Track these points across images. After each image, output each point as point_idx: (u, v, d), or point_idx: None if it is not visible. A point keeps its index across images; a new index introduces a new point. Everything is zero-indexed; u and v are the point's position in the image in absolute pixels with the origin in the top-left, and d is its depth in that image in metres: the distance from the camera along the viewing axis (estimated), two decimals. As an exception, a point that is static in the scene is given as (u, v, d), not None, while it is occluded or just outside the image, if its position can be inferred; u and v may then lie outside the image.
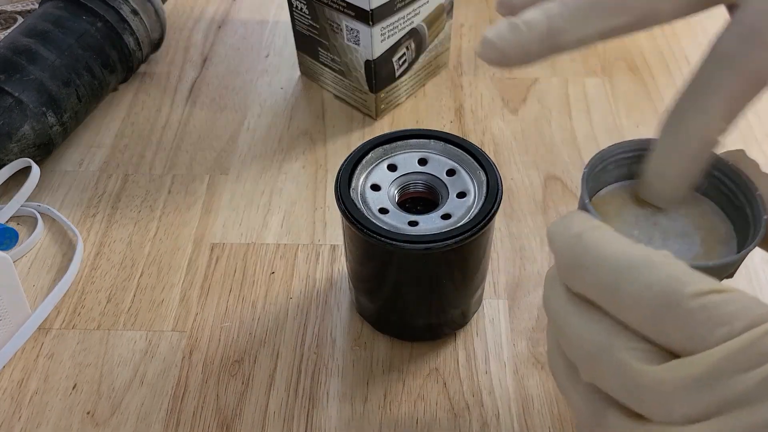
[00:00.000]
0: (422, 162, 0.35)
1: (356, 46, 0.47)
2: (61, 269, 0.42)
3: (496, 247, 0.43)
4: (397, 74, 0.50)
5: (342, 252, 0.43)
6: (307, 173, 0.48)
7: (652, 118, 0.51)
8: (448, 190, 0.34)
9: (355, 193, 0.34)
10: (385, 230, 0.31)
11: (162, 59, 0.58)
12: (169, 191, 0.47)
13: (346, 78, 0.51)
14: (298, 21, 0.51)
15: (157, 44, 0.56)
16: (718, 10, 0.26)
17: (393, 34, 0.47)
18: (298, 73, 0.56)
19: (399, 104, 0.53)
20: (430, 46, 0.52)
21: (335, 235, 0.44)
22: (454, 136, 0.35)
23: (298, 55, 0.55)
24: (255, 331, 0.39)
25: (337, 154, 0.49)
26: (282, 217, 0.45)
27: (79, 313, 0.40)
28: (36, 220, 0.45)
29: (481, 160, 0.34)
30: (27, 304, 0.39)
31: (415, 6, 0.47)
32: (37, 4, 0.60)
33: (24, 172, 0.46)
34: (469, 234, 0.31)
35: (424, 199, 0.35)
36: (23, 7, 0.61)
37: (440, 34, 0.52)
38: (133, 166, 0.49)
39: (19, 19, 0.60)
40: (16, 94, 0.45)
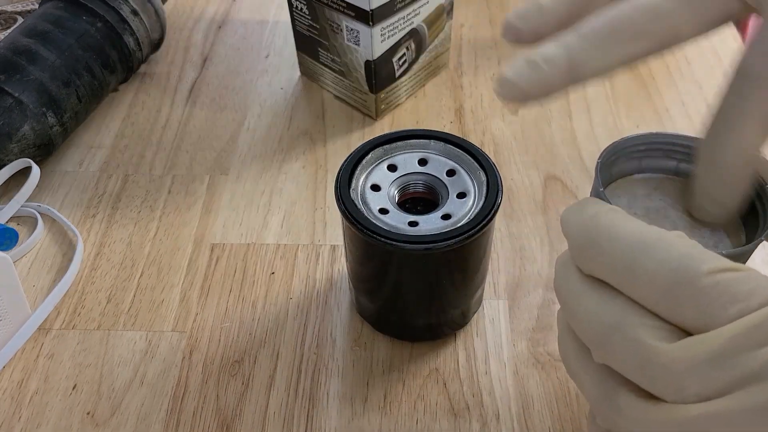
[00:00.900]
0: (422, 162, 0.35)
1: (356, 47, 0.47)
2: (61, 269, 0.42)
3: (496, 247, 0.43)
4: (397, 74, 0.50)
5: (342, 252, 0.43)
6: (307, 173, 0.48)
7: (652, 118, 0.51)
8: (448, 191, 0.34)
9: (355, 194, 0.34)
10: (385, 230, 0.31)
11: (162, 59, 0.58)
12: (169, 191, 0.47)
13: (346, 78, 0.51)
14: (298, 21, 0.51)
15: (157, 44, 0.56)
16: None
17: (393, 35, 0.47)
18: (298, 74, 0.56)
19: (399, 104, 0.53)
20: (430, 47, 0.52)
21: (335, 235, 0.44)
22: (454, 137, 0.35)
23: (298, 55, 0.55)
24: (255, 331, 0.39)
25: (337, 154, 0.49)
26: (282, 217, 0.45)
27: (79, 314, 0.40)
28: (36, 220, 0.45)
29: (481, 160, 0.34)
30: (27, 305, 0.39)
31: (415, 6, 0.47)
32: (37, 5, 0.60)
33: (24, 173, 0.46)
34: (469, 234, 0.31)
35: (424, 200, 0.35)
36: (23, 7, 0.61)
37: (440, 35, 0.52)
38: (133, 167, 0.49)
39: (19, 20, 0.60)
40: (16, 95, 0.45)
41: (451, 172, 0.35)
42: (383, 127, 0.51)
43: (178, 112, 0.53)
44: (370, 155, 0.35)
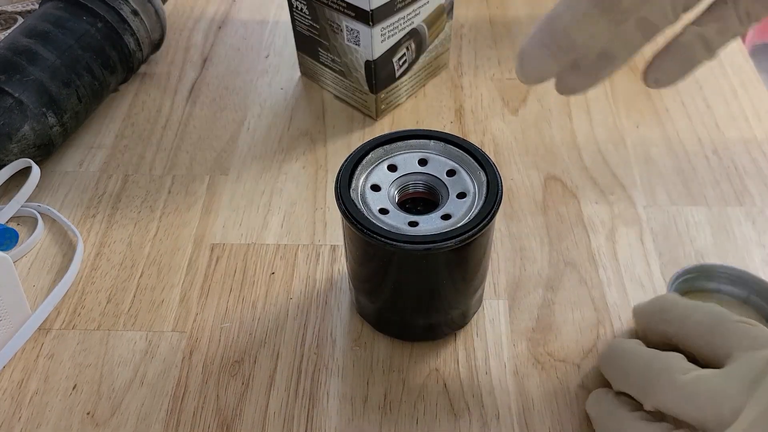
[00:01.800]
0: (422, 162, 0.35)
1: (356, 47, 0.47)
2: (61, 269, 0.42)
3: (496, 248, 0.43)
4: (398, 75, 0.50)
5: (342, 252, 0.43)
6: (307, 173, 0.48)
7: (652, 118, 0.51)
8: (448, 191, 0.34)
9: (356, 194, 0.34)
10: (385, 231, 0.31)
11: (162, 60, 0.58)
12: (169, 191, 0.47)
13: (347, 78, 0.51)
14: (299, 21, 0.51)
15: (157, 45, 0.56)
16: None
17: (393, 35, 0.47)
18: (299, 74, 0.56)
19: (399, 104, 0.53)
20: (431, 47, 0.52)
21: (335, 235, 0.44)
22: (454, 137, 0.35)
23: (299, 55, 0.55)
24: (255, 331, 0.39)
25: (337, 155, 0.49)
26: (282, 217, 0.45)
27: (79, 314, 0.40)
28: (36, 220, 0.45)
29: (481, 160, 0.34)
30: (27, 305, 0.39)
31: (416, 6, 0.47)
32: (37, 5, 0.60)
33: (24, 173, 0.46)
34: (469, 234, 0.31)
35: (424, 200, 0.35)
36: (23, 7, 0.61)
37: (440, 35, 0.52)
38: (133, 167, 0.49)
39: (19, 20, 0.60)
40: (17, 95, 0.45)
41: (451, 172, 0.35)
42: (383, 127, 0.51)
43: (178, 112, 0.53)
44: (370, 155, 0.35)
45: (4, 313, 0.37)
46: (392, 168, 0.35)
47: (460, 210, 0.33)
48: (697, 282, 0.38)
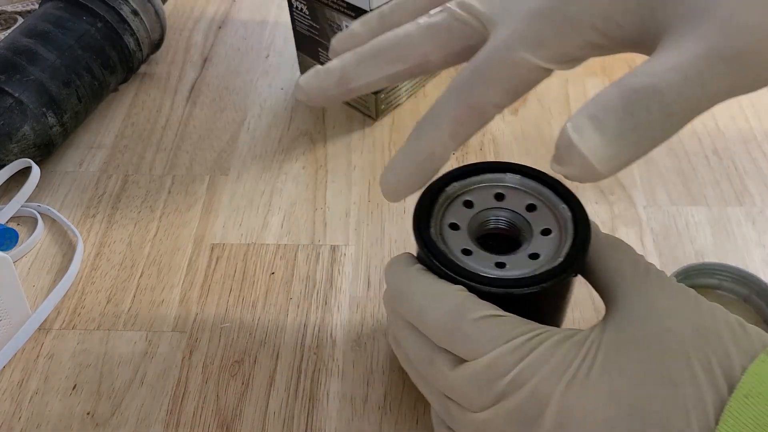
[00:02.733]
0: (499, 197, 0.33)
1: (356, 47, 0.47)
2: (61, 269, 0.42)
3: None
4: (397, 74, 0.50)
5: (342, 252, 0.43)
6: (307, 173, 0.48)
7: (653, 119, 0.51)
8: (531, 227, 0.31)
9: (435, 234, 0.31)
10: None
11: (162, 59, 0.58)
12: (169, 191, 0.47)
13: (346, 78, 0.51)
14: (299, 21, 0.51)
15: (157, 44, 0.56)
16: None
17: (393, 35, 0.47)
18: (299, 74, 0.56)
19: (399, 105, 0.53)
20: (430, 47, 0.52)
21: (335, 235, 0.44)
22: (533, 169, 0.33)
23: (299, 55, 0.55)
24: (255, 331, 0.39)
25: (337, 155, 0.49)
26: (282, 217, 0.45)
27: (79, 314, 0.40)
28: (36, 220, 0.45)
29: (565, 194, 0.32)
30: (27, 305, 0.39)
31: (415, 6, 0.47)
32: (37, 5, 0.60)
33: (24, 173, 0.46)
34: (566, 275, 0.29)
35: (503, 236, 0.32)
36: (23, 7, 0.61)
37: (440, 35, 0.52)
38: (133, 167, 0.49)
39: (20, 20, 0.60)
40: (17, 95, 0.45)
41: (531, 207, 0.32)
42: (383, 127, 0.51)
43: (178, 112, 0.53)
44: (445, 191, 0.32)
45: (4, 313, 0.37)
46: (468, 204, 0.32)
47: (547, 248, 0.30)
48: (698, 279, 0.38)
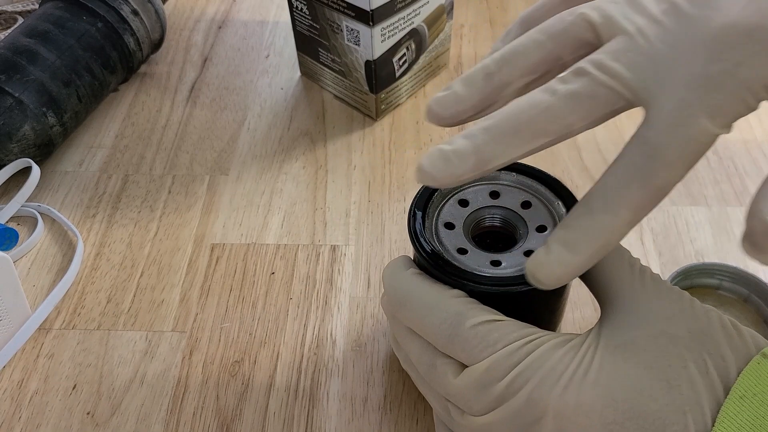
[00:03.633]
0: (494, 195, 0.33)
1: (356, 47, 0.47)
2: (61, 269, 0.42)
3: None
4: (398, 75, 0.50)
5: (342, 252, 0.43)
6: (308, 173, 0.48)
7: (653, 119, 0.51)
8: (526, 224, 0.32)
9: (431, 234, 0.31)
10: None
11: (162, 59, 0.58)
12: (169, 191, 0.47)
13: (347, 78, 0.51)
14: (299, 21, 0.51)
15: (157, 44, 0.56)
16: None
17: (393, 35, 0.47)
18: (299, 74, 0.56)
19: (399, 105, 0.53)
20: (431, 47, 0.52)
21: (335, 235, 0.44)
22: (527, 166, 0.33)
23: (299, 55, 0.55)
24: (255, 331, 0.39)
25: (337, 155, 0.49)
26: (282, 217, 0.45)
27: (79, 314, 0.40)
28: (36, 220, 0.45)
29: (560, 190, 0.32)
30: (27, 304, 0.39)
31: (416, 6, 0.47)
32: (37, 5, 0.60)
33: (24, 173, 0.46)
34: None
35: (498, 234, 0.33)
36: (23, 7, 0.61)
37: (440, 35, 0.52)
38: (134, 167, 0.49)
39: (20, 20, 0.60)
40: (17, 95, 0.45)
41: (526, 204, 0.32)
42: (383, 127, 0.51)
43: (179, 112, 0.53)
44: (439, 190, 0.33)
45: (4, 313, 0.37)
46: (463, 203, 0.33)
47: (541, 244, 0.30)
48: (698, 279, 0.38)
